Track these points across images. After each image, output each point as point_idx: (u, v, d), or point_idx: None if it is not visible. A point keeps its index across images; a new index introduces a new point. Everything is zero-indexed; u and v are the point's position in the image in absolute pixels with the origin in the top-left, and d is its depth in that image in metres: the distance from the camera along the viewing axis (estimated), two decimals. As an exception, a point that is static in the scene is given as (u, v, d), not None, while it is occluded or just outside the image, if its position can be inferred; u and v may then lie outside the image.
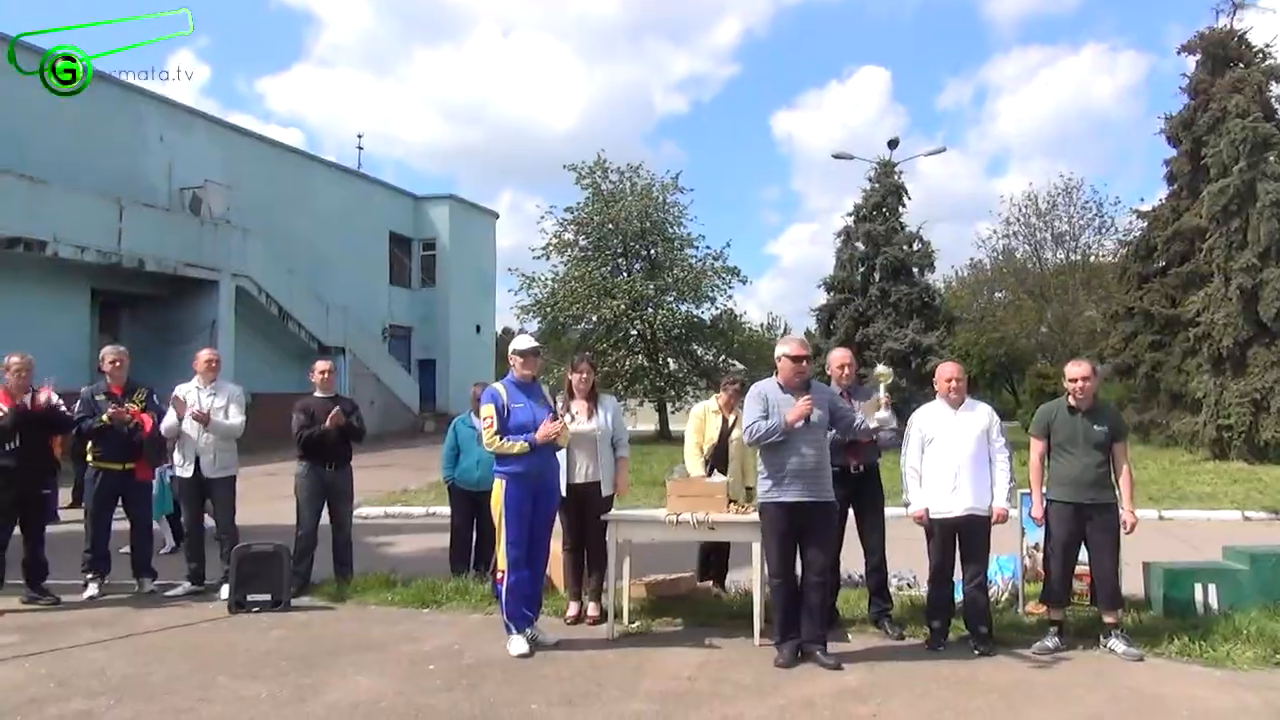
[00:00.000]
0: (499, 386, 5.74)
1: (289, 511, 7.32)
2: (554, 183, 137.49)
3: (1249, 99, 18.00)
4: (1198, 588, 6.02)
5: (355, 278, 29.63)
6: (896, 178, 23.20)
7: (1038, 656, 5.32)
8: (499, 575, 5.60)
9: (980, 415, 5.65)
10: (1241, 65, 18.90)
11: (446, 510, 8.06)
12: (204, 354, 7.30)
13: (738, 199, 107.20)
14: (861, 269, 22.99)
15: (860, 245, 22.86)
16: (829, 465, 5.44)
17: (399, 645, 5.64)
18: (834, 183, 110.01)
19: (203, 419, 6.91)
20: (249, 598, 6.56)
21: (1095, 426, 5.52)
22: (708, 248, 29.21)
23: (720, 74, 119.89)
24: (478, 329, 35.62)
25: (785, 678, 4.94)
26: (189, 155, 23.76)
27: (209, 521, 7.30)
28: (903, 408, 6.48)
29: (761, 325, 58.61)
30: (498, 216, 38.96)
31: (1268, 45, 18.98)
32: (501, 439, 5.51)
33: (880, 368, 5.97)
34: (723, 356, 28.61)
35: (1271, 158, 17.51)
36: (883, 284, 22.26)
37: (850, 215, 23.29)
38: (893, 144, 23.91)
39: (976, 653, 5.36)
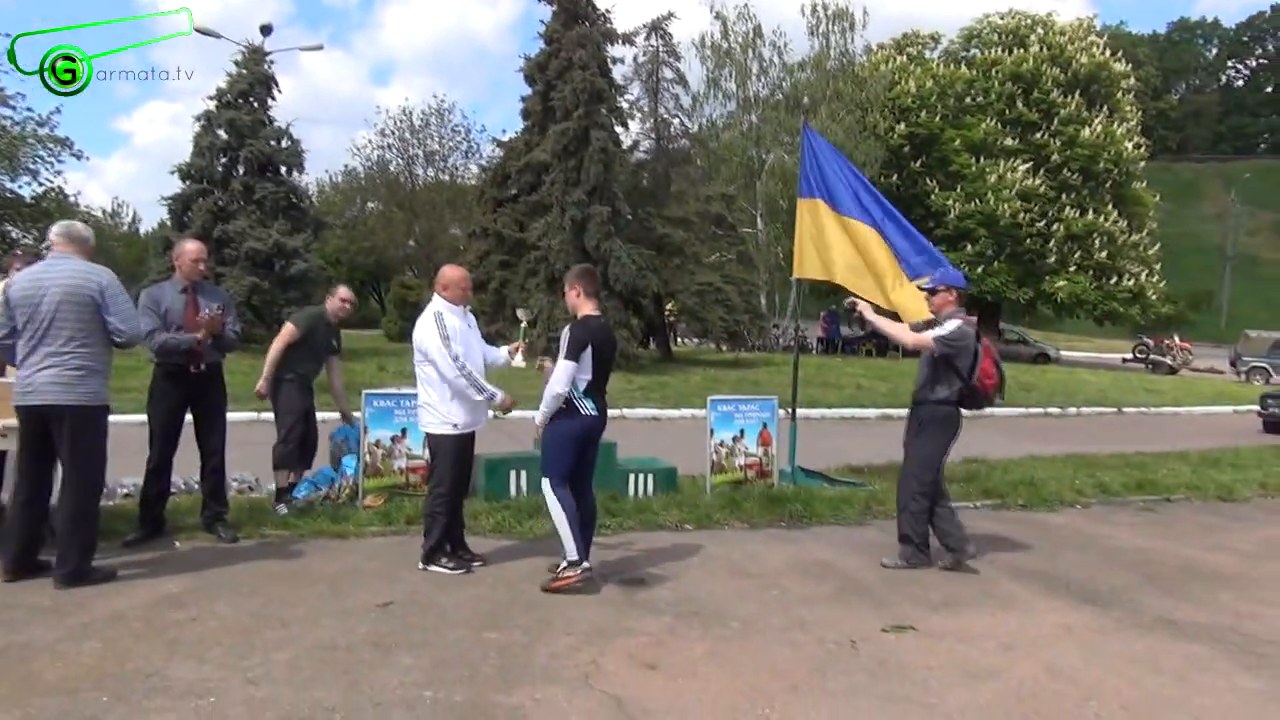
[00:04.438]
0: None
1: None
2: None
3: (590, 55, 20.52)
4: (512, 474, 6.86)
5: None
6: (268, 67, 21.71)
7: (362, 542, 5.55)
8: None
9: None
10: (587, 23, 21.38)
11: None
12: None
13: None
14: (224, 160, 21.09)
15: (223, 134, 20.93)
16: None
17: None
18: (203, 61, 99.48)
19: None
20: None
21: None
22: (29, 110, 24.27)
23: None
24: None
25: (92, 594, 4.42)
26: None
27: None
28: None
29: (105, 211, 52.06)
30: None
31: (608, 10, 21.81)
32: None
33: (520, 312, 6.07)
34: (46, 243, 24.19)
35: (604, 110, 20.34)
36: (246, 179, 20.76)
37: (213, 99, 21.24)
38: (265, 30, 22.19)
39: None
